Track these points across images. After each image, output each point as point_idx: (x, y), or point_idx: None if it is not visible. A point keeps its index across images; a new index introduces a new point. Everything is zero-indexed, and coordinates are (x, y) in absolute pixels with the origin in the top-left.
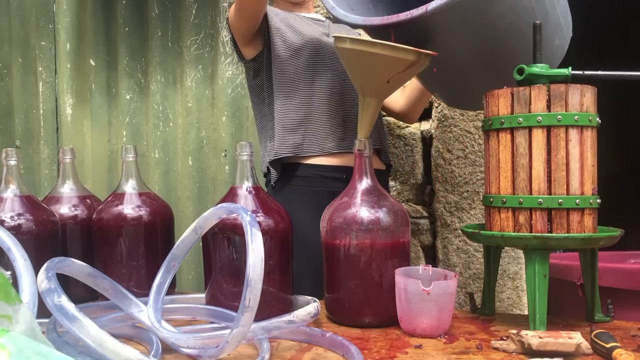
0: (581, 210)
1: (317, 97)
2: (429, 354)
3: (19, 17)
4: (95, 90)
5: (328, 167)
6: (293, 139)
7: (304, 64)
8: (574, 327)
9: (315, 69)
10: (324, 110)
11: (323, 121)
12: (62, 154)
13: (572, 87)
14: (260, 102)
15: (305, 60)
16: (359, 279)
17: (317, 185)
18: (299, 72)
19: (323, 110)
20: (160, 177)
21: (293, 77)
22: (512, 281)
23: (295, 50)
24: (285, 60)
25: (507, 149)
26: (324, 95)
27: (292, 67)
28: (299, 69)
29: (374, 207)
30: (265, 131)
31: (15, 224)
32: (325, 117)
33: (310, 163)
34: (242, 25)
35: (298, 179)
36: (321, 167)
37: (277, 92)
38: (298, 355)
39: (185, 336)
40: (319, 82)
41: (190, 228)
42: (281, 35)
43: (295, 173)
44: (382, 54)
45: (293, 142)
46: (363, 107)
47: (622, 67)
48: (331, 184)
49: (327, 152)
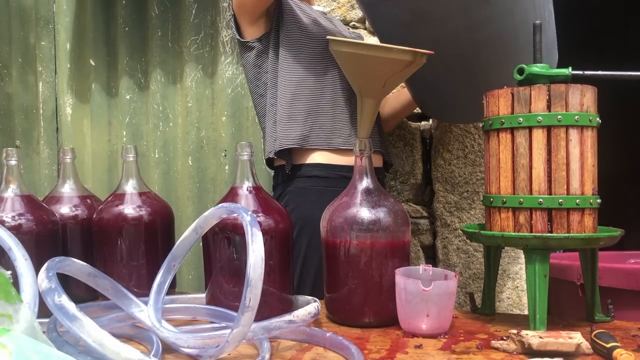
0: (581, 210)
1: (328, 90)
2: (429, 354)
3: (19, 17)
4: (95, 90)
5: (342, 167)
6: (300, 130)
7: (318, 54)
8: (574, 327)
9: (328, 60)
10: (333, 103)
11: (332, 115)
12: (62, 154)
13: (572, 87)
14: (261, 83)
15: (319, 49)
16: (359, 279)
17: (333, 185)
18: (312, 61)
19: (333, 104)
20: (160, 177)
21: (305, 65)
22: (512, 281)
23: (310, 39)
24: (298, 47)
25: (508, 149)
26: (335, 88)
27: (305, 55)
28: (312, 58)
29: (374, 207)
30: (267, 115)
31: (16, 223)
32: (334, 112)
33: (322, 163)
34: (254, 2)
35: (315, 179)
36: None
37: (285, 79)
38: (298, 355)
39: (186, 336)
40: (331, 74)
41: (191, 228)
42: (296, 22)
43: (310, 172)
44: (378, 56)
45: (300, 133)
46: (362, 108)
47: (622, 67)
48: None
49: (333, 148)
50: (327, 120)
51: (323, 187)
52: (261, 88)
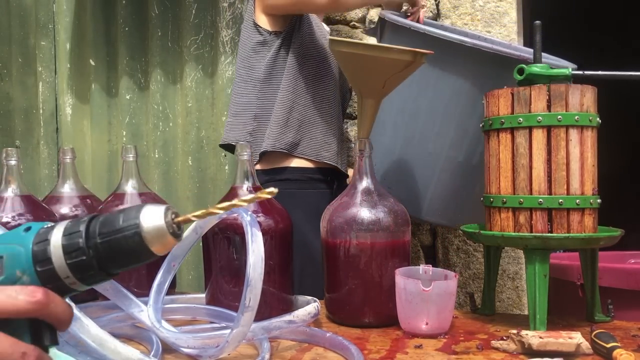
0: (581, 210)
1: (325, 102)
2: (429, 354)
3: (19, 17)
4: (95, 90)
5: (314, 170)
6: (292, 136)
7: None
8: (574, 327)
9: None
10: (327, 117)
11: (324, 129)
12: (62, 154)
13: (572, 87)
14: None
15: (322, 59)
16: (359, 279)
17: (305, 187)
18: (316, 71)
19: (326, 117)
20: (160, 177)
21: (311, 73)
22: (512, 281)
23: (318, 52)
24: (306, 55)
25: (507, 149)
26: (330, 102)
27: (312, 64)
28: (316, 67)
29: (374, 207)
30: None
31: (16, 223)
32: (326, 126)
33: (299, 166)
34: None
35: (288, 182)
36: (309, 170)
37: (289, 82)
38: (298, 355)
39: (186, 336)
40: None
41: (191, 228)
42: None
43: (284, 176)
44: (378, 56)
45: (292, 140)
46: (362, 108)
47: (622, 67)
48: (319, 185)
49: (319, 161)
50: (319, 133)
51: (295, 190)
52: (253, 73)
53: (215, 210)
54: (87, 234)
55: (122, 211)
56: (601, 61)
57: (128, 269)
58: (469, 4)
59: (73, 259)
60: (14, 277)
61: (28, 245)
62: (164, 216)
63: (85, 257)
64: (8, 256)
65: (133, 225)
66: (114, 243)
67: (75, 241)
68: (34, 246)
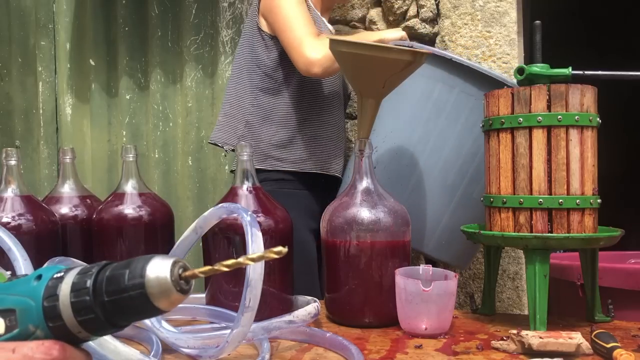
0: (581, 210)
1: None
2: (429, 354)
3: (19, 17)
4: (95, 90)
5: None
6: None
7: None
8: (574, 327)
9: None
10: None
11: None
12: (62, 154)
13: (572, 87)
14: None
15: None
16: (359, 279)
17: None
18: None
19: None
20: (160, 177)
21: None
22: (512, 281)
23: None
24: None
25: (508, 149)
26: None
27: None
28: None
29: (374, 207)
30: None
31: (16, 224)
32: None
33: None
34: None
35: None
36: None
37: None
38: (298, 355)
39: (186, 336)
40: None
41: (190, 228)
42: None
43: (279, 176)
44: (378, 56)
45: (299, 158)
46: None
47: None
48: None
49: (327, 171)
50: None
51: (289, 190)
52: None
53: (221, 268)
54: (94, 290)
55: (129, 265)
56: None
57: (138, 321)
58: (469, 4)
59: (82, 317)
60: (28, 331)
61: (39, 300)
62: (170, 273)
63: (94, 315)
64: (20, 310)
65: (138, 284)
66: (121, 302)
67: (83, 299)
68: (44, 301)
